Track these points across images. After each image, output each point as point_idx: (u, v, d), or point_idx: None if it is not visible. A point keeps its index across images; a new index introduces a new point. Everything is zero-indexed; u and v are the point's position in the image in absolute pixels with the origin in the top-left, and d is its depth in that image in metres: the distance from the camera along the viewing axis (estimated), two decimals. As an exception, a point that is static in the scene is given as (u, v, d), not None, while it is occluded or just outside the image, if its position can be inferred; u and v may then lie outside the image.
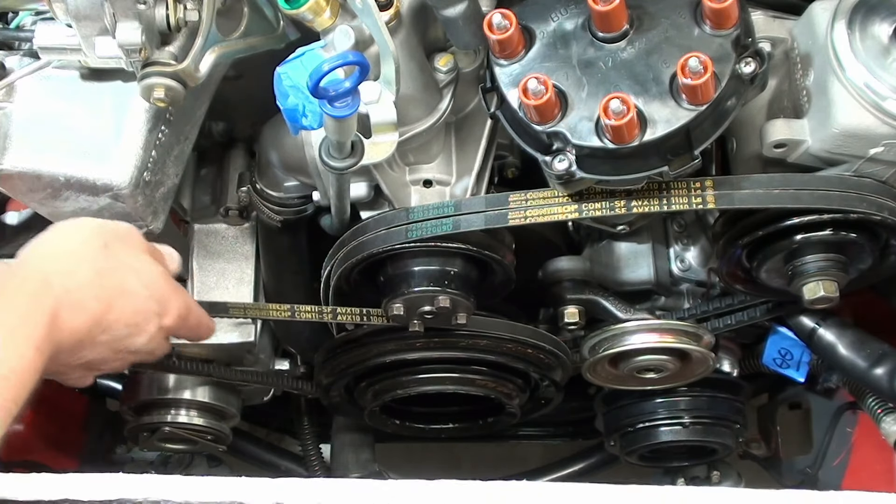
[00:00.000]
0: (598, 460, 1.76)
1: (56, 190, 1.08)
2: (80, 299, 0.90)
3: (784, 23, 1.14)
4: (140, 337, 0.99)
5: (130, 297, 0.96)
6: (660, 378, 1.36)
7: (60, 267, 0.91)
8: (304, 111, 0.98)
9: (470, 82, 1.17)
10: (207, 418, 1.48)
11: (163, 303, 1.01)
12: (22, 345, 0.82)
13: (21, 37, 1.11)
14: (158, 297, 1.00)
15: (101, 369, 1.01)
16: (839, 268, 1.16)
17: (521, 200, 1.09)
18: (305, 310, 1.23)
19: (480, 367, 1.32)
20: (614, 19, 0.97)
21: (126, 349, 0.99)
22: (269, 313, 1.28)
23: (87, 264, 0.93)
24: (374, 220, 1.17)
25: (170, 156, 1.14)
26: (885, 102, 1.01)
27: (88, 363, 0.97)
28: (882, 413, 1.33)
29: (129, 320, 0.96)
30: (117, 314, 0.95)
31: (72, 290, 0.90)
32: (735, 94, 0.98)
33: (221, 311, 1.21)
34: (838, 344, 1.29)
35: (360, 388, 1.37)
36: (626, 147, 0.95)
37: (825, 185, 1.08)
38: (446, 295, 1.16)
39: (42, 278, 0.88)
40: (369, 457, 1.59)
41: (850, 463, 1.55)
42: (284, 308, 1.24)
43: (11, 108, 1.08)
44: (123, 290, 0.96)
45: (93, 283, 0.92)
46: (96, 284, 0.92)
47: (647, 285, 1.39)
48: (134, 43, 0.96)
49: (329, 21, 1.01)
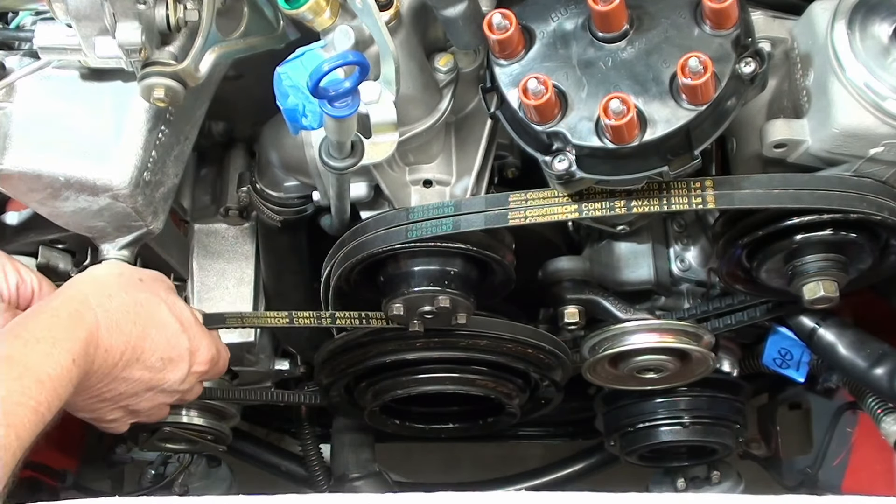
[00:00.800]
0: (598, 460, 1.76)
1: (56, 190, 1.08)
2: (118, 321, 0.94)
3: (784, 23, 1.14)
4: (173, 373, 1.02)
5: (164, 329, 1.00)
6: (660, 378, 1.36)
7: (100, 291, 0.95)
8: (304, 111, 0.98)
9: (470, 82, 1.17)
10: (207, 418, 1.48)
11: (195, 341, 1.04)
12: (60, 355, 0.85)
13: (21, 37, 1.11)
14: (191, 336, 1.04)
15: (136, 410, 1.04)
16: (839, 268, 1.16)
17: (521, 200, 1.09)
18: (303, 315, 1.21)
19: (480, 367, 1.32)
20: (614, 19, 0.97)
21: (160, 386, 1.02)
22: (267, 321, 1.27)
23: (125, 292, 0.98)
24: (374, 220, 1.17)
25: (170, 156, 1.14)
26: (885, 102, 1.01)
27: (122, 396, 0.99)
28: (882, 413, 1.33)
29: (163, 353, 1.00)
30: (151, 343, 0.98)
31: (110, 312, 0.94)
32: (735, 94, 0.98)
33: (218, 321, 1.18)
34: (838, 344, 1.29)
35: (360, 388, 1.37)
36: (626, 147, 0.95)
37: (825, 185, 1.08)
38: (446, 295, 1.16)
39: (82, 299, 0.93)
40: (369, 457, 1.59)
41: (850, 463, 1.55)
42: (282, 315, 1.22)
43: (11, 108, 1.08)
44: (158, 321, 0.99)
45: (129, 309, 0.96)
46: (132, 311, 0.97)
47: (647, 285, 1.39)
48: (134, 43, 0.96)
49: (329, 21, 1.01)
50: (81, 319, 0.90)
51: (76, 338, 0.88)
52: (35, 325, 0.88)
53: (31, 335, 0.86)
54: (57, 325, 0.88)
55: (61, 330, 0.88)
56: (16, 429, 0.77)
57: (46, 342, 0.85)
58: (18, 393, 0.79)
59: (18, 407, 0.78)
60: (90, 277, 1.00)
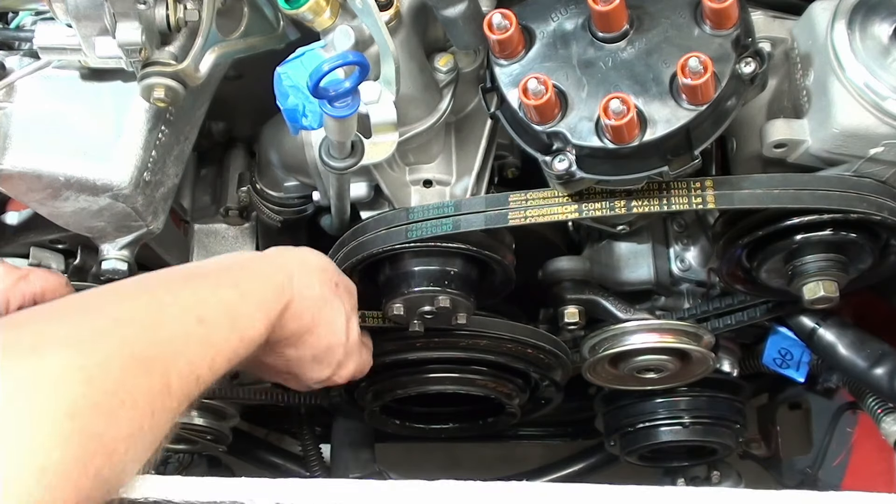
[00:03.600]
0: (598, 460, 1.75)
1: (56, 190, 1.08)
2: (301, 310, 0.97)
3: (784, 23, 1.14)
4: (316, 373, 1.06)
5: (330, 334, 1.03)
6: (660, 378, 1.36)
7: (302, 277, 0.99)
8: (304, 111, 0.98)
9: (470, 82, 1.17)
10: (207, 418, 1.48)
11: (348, 356, 1.07)
12: (259, 318, 0.90)
13: (21, 37, 1.11)
14: (348, 351, 1.07)
15: (271, 376, 1.09)
16: (839, 268, 1.16)
17: (521, 200, 1.09)
18: None
19: (480, 367, 1.32)
20: (614, 19, 0.97)
21: (299, 375, 1.06)
22: None
23: (319, 287, 1.01)
24: (374, 220, 1.17)
25: (170, 156, 1.14)
26: (885, 102, 1.01)
27: (264, 366, 1.03)
28: (882, 413, 1.33)
29: (318, 353, 1.03)
30: (314, 339, 1.01)
31: (302, 299, 0.97)
32: (735, 94, 0.98)
33: None
34: (838, 344, 1.29)
35: (360, 388, 1.37)
36: (626, 147, 0.95)
37: (825, 185, 1.08)
38: (446, 295, 1.16)
39: (289, 275, 0.97)
40: (369, 457, 1.59)
41: (850, 463, 1.55)
42: None
43: (11, 108, 1.08)
44: (329, 325, 1.03)
45: (315, 304, 1.00)
46: (317, 306, 1.00)
47: (647, 285, 1.39)
48: (134, 43, 0.96)
49: (329, 21, 1.01)
50: (282, 295, 0.95)
51: (274, 308, 0.93)
52: (249, 283, 0.92)
53: (246, 289, 0.90)
54: (265, 290, 0.93)
55: (267, 296, 0.93)
56: (213, 371, 0.81)
57: (253, 302, 0.90)
58: (225, 341, 0.84)
59: (220, 355, 0.82)
60: (300, 261, 1.02)
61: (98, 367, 0.68)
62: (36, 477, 0.61)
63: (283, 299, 0.95)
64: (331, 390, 1.38)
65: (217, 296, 0.86)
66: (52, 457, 0.62)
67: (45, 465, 0.61)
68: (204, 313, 0.82)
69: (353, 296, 1.10)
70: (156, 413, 0.71)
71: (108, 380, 0.68)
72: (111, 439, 0.66)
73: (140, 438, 0.70)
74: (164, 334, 0.77)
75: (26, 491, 0.60)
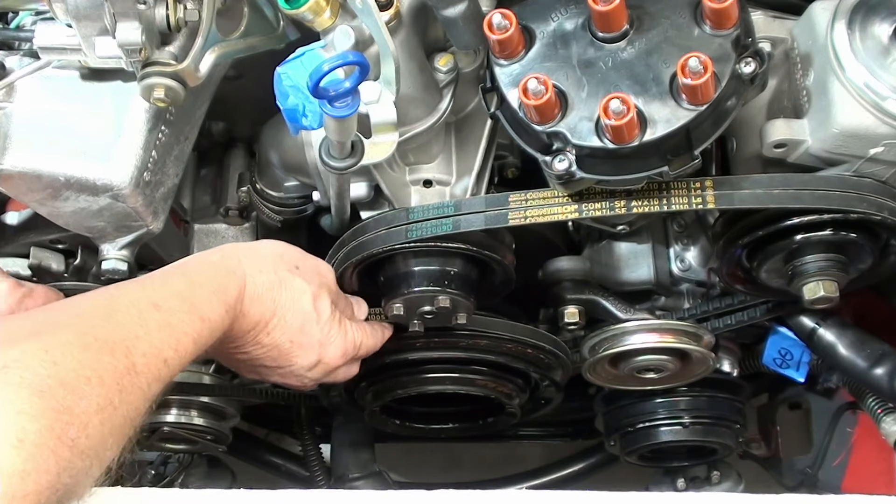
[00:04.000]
0: (598, 460, 1.75)
1: (56, 190, 1.08)
2: (259, 293, 1.00)
3: (784, 23, 1.14)
4: (302, 359, 1.07)
5: (298, 314, 1.04)
6: (660, 378, 1.36)
7: (253, 263, 1.02)
8: (304, 111, 0.98)
9: (470, 82, 1.17)
10: (207, 418, 1.48)
11: (329, 336, 1.08)
12: (217, 302, 0.93)
13: (21, 37, 1.11)
14: (326, 330, 1.07)
15: (265, 375, 1.10)
16: (839, 268, 1.16)
17: (522, 200, 1.09)
18: None
19: (480, 367, 1.32)
20: (614, 19, 0.97)
21: (288, 367, 1.07)
22: None
23: (274, 271, 1.03)
24: (374, 220, 1.17)
25: (170, 156, 1.14)
26: (885, 102, 1.01)
27: (254, 361, 1.06)
28: (882, 413, 1.33)
29: (293, 336, 1.05)
30: (283, 323, 1.03)
31: (256, 284, 1.00)
32: (735, 94, 0.98)
33: None
34: (838, 344, 1.29)
35: (360, 388, 1.37)
36: (626, 147, 0.95)
37: (825, 185, 1.08)
38: (446, 295, 1.16)
39: (237, 262, 1.00)
40: (369, 457, 1.59)
41: (850, 463, 1.55)
42: None
43: (11, 108, 1.08)
44: (294, 305, 1.04)
45: (272, 286, 1.02)
46: (274, 289, 1.02)
47: (647, 285, 1.39)
48: (134, 43, 0.96)
49: (329, 21, 1.01)
50: (234, 278, 0.98)
51: (229, 291, 0.96)
52: (198, 272, 0.96)
53: (195, 279, 0.94)
54: (216, 276, 0.96)
55: (219, 281, 0.96)
56: (180, 354, 0.85)
57: (207, 288, 0.93)
58: (186, 324, 0.87)
59: (185, 336, 0.86)
60: (248, 248, 1.06)
61: (60, 349, 0.72)
62: (15, 448, 0.65)
63: (236, 282, 0.98)
64: (331, 390, 1.38)
65: (168, 284, 0.91)
66: (27, 429, 0.66)
67: (21, 437, 0.66)
68: (157, 299, 0.86)
69: (322, 276, 1.10)
70: (124, 391, 0.76)
71: (72, 360, 0.73)
72: (82, 412, 0.71)
73: (111, 412, 0.74)
74: (120, 319, 0.82)
75: (9, 462, 0.65)
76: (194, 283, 0.93)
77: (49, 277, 1.31)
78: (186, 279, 0.93)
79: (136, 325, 0.82)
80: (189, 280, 0.93)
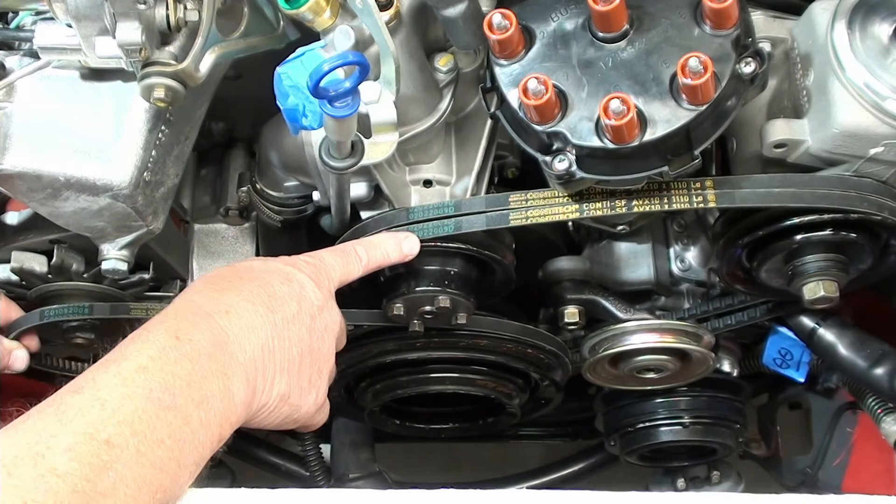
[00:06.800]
0: (598, 460, 1.75)
1: (56, 190, 1.08)
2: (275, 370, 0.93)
3: (784, 23, 1.14)
4: (312, 396, 1.02)
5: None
6: (660, 378, 1.36)
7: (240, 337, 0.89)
8: (304, 111, 0.98)
9: (470, 82, 1.17)
10: (207, 418, 1.47)
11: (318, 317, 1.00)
12: (217, 427, 0.85)
13: (21, 37, 1.11)
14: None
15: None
16: (839, 268, 1.16)
17: (522, 200, 1.09)
18: None
19: (480, 367, 1.32)
20: (614, 19, 0.97)
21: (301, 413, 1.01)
22: None
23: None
24: (374, 220, 1.17)
25: (170, 156, 1.14)
26: (885, 102, 1.01)
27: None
28: (882, 413, 1.33)
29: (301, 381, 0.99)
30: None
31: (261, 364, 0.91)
32: (735, 94, 0.98)
33: None
34: (838, 344, 1.29)
35: (360, 388, 1.37)
36: (626, 147, 0.95)
37: (825, 185, 1.08)
38: (446, 295, 1.16)
39: (230, 354, 0.88)
40: (369, 457, 1.59)
41: (850, 463, 1.55)
42: None
43: (11, 108, 1.08)
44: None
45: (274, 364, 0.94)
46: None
47: (647, 285, 1.39)
48: (134, 43, 0.96)
49: (329, 21, 1.01)
50: (232, 391, 0.86)
51: (234, 408, 0.86)
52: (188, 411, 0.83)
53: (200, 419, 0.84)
54: (212, 398, 0.83)
55: (221, 408, 0.85)
56: None
57: (210, 427, 0.85)
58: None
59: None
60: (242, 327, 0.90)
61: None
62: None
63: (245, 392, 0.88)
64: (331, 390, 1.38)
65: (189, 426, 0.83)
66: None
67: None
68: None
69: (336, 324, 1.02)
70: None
71: None
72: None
73: None
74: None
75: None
76: (198, 429, 0.84)
77: (35, 280, 1.31)
78: (190, 427, 0.84)
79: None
80: (192, 428, 0.84)
